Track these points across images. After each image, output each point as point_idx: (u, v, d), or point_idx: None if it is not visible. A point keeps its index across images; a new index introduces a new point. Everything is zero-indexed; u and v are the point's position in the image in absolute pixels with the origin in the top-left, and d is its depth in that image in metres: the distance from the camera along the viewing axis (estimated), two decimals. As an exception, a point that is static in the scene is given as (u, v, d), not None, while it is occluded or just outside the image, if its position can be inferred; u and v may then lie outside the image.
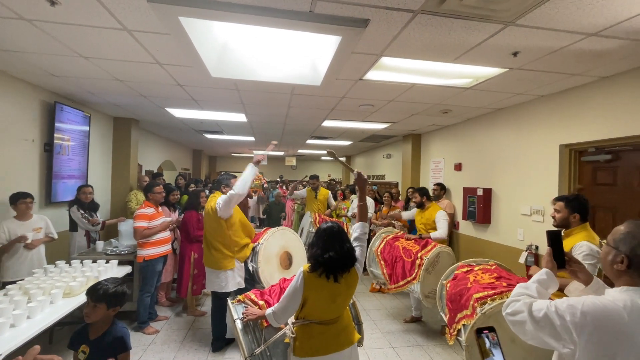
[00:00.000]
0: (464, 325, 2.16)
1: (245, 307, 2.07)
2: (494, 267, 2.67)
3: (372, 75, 3.07)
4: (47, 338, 3.17)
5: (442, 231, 3.60)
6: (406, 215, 4.29)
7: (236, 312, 2.06)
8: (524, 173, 3.92)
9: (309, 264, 1.75)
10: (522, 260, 3.76)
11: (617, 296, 1.10)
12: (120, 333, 1.74)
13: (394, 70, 2.94)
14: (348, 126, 5.86)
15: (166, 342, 3.35)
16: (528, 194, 3.87)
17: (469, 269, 2.71)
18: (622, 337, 1.02)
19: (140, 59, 2.80)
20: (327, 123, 5.61)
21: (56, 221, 4.18)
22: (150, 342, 3.33)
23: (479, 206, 4.52)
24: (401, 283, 3.28)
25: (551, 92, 3.48)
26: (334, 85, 3.39)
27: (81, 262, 3.23)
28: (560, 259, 1.36)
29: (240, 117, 5.29)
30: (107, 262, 3.33)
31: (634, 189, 2.91)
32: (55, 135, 3.97)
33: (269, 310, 1.81)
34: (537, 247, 3.69)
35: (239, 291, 3.10)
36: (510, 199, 4.14)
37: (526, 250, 3.76)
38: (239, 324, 1.96)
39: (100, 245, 3.82)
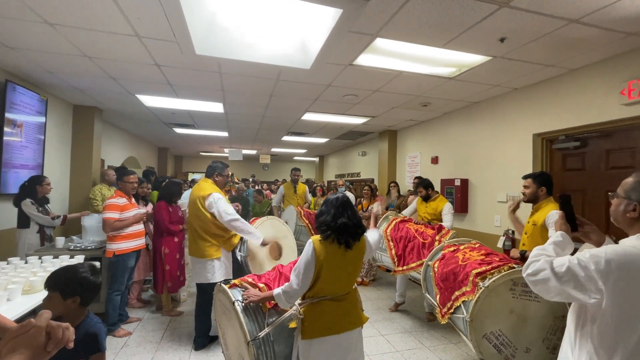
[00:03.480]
0: (464, 302, 2.19)
1: (243, 290, 1.92)
2: (477, 245, 2.76)
3: (363, 59, 3.07)
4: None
5: (449, 223, 3.62)
6: (408, 211, 4.27)
7: (233, 295, 1.90)
8: (500, 162, 4.13)
9: (319, 233, 1.67)
10: (500, 244, 3.93)
11: (635, 243, 1.13)
12: (94, 329, 1.46)
13: (385, 54, 2.96)
14: (328, 120, 5.84)
15: (141, 344, 3.05)
16: (504, 182, 4.07)
17: (455, 248, 2.77)
18: None
19: (117, 29, 2.55)
20: (307, 116, 5.55)
21: (3, 215, 3.70)
22: (123, 344, 3.01)
23: (457, 196, 4.69)
24: (413, 264, 3.17)
25: (525, 85, 3.71)
26: (323, 70, 3.34)
27: (40, 259, 2.85)
28: (572, 222, 1.37)
29: (217, 107, 5.05)
30: (72, 257, 2.97)
31: (600, 172, 3.16)
32: (6, 118, 3.50)
33: (277, 290, 1.69)
34: (513, 232, 3.88)
35: (227, 282, 2.92)
36: (487, 188, 4.34)
37: (503, 235, 3.95)
38: (238, 307, 1.81)
39: (60, 241, 3.41)
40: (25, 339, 0.63)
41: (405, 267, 3.23)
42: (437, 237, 3.16)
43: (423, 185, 3.93)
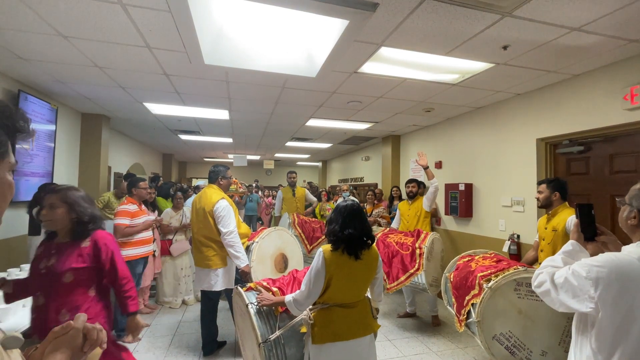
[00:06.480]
0: (472, 304, 2.21)
1: (257, 293, 1.96)
2: (492, 254, 2.80)
3: (368, 67, 3.12)
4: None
5: (427, 202, 3.93)
6: (396, 222, 4.48)
7: (247, 298, 1.95)
8: (504, 167, 4.16)
9: (329, 243, 1.71)
10: (505, 249, 3.95)
11: (632, 250, 1.15)
12: None
13: (390, 62, 3.02)
14: (332, 126, 5.89)
15: (150, 350, 3.08)
16: (508, 187, 4.10)
17: (469, 258, 2.81)
18: (637, 286, 1.05)
19: (129, 40, 2.62)
20: (311, 122, 5.60)
21: (13, 223, 3.76)
22: (133, 350, 3.04)
23: (461, 201, 4.71)
24: (402, 278, 3.25)
25: (527, 90, 3.75)
26: (328, 78, 3.39)
27: (51, 265, 2.89)
28: (591, 232, 1.35)
29: (223, 115, 5.13)
30: (82, 264, 3.01)
31: (604, 176, 3.18)
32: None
33: (288, 297, 1.73)
34: (518, 236, 3.89)
35: (243, 285, 2.96)
36: (491, 192, 4.35)
37: (508, 240, 3.96)
38: (252, 309, 1.85)
39: (71, 247, 3.45)
40: (65, 339, 0.68)
41: (396, 283, 3.30)
42: (416, 245, 3.24)
43: (417, 182, 4.12)
